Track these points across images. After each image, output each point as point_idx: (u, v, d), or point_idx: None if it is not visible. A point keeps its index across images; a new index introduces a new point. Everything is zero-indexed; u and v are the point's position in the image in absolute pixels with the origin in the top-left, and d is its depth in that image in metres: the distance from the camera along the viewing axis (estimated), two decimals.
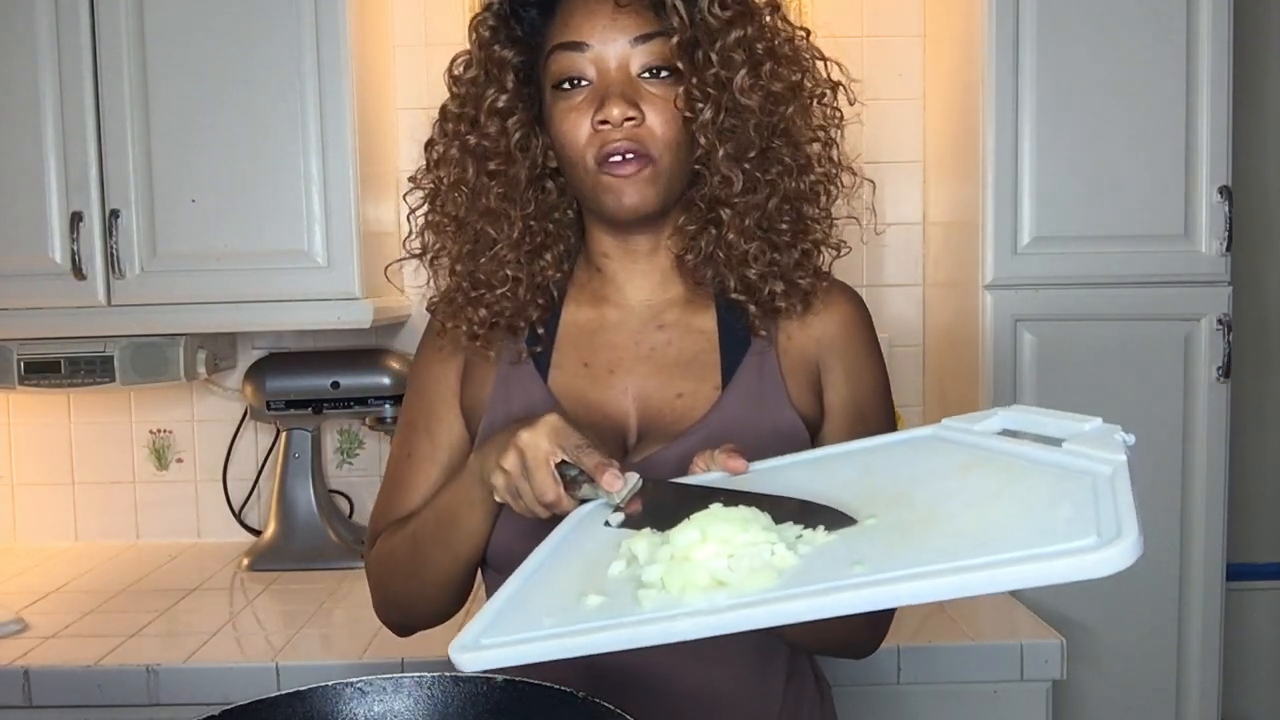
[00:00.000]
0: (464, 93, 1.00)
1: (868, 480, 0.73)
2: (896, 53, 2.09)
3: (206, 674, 1.47)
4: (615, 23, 0.92)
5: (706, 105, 0.92)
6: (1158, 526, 1.77)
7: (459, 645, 0.64)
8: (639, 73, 0.93)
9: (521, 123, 0.98)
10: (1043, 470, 0.64)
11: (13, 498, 2.17)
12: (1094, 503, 0.55)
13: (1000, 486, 0.63)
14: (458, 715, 0.82)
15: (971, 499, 0.63)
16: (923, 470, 0.71)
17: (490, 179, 0.98)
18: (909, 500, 0.66)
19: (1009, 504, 0.60)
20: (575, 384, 1.01)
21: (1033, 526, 0.55)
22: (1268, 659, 2.21)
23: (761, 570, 0.62)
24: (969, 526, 0.59)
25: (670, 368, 1.00)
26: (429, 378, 1.06)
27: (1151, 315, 1.77)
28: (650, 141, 0.92)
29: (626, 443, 0.99)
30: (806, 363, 1.00)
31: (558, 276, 1.03)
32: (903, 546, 0.59)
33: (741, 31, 0.93)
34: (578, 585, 0.69)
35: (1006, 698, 1.50)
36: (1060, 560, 0.50)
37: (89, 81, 1.75)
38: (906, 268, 2.12)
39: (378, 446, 2.16)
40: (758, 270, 0.96)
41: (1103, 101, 1.73)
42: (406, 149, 2.09)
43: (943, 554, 0.55)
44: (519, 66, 0.98)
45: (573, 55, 0.93)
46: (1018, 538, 0.54)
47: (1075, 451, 0.64)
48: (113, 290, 1.78)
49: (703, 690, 0.96)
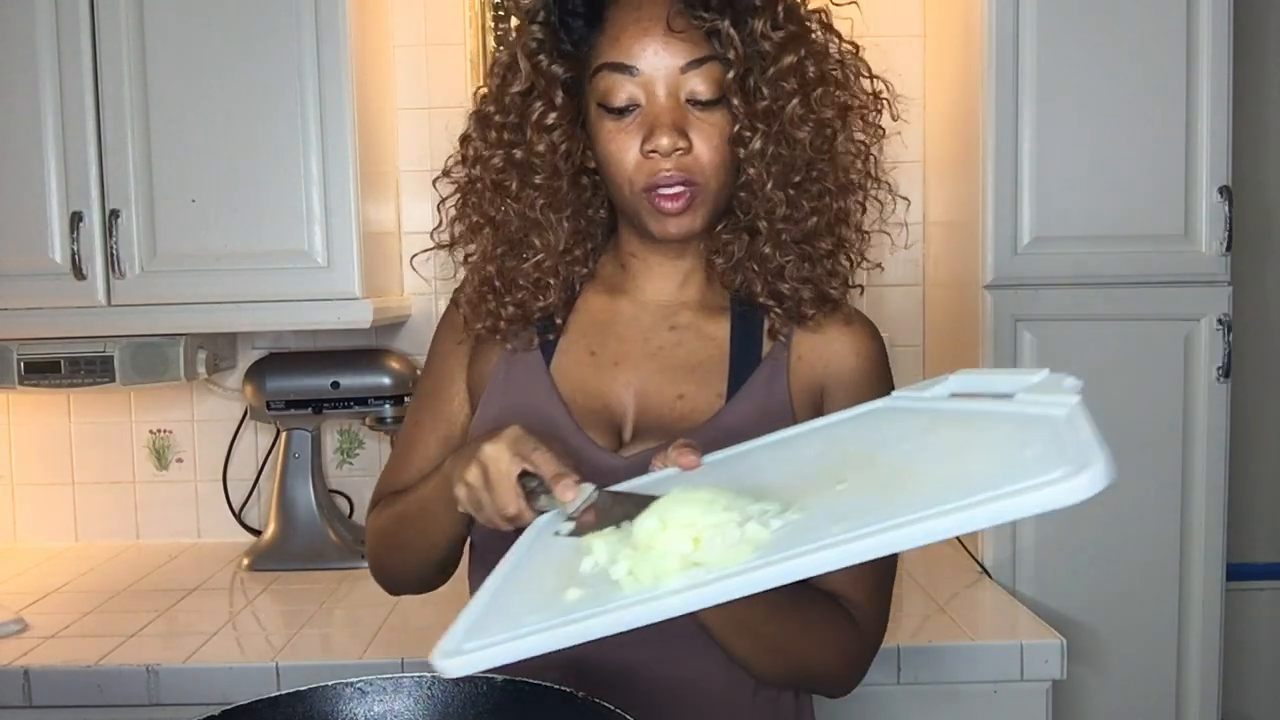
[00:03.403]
0: (508, 101, 0.98)
1: (832, 451, 0.73)
2: (896, 53, 2.08)
3: (206, 674, 1.47)
4: (667, 47, 0.91)
5: (756, 136, 0.92)
6: (1158, 526, 1.77)
7: (441, 651, 0.62)
8: (687, 99, 0.92)
9: (566, 134, 0.97)
10: (1001, 420, 0.64)
11: (13, 498, 2.17)
12: (1057, 440, 0.56)
13: (964, 441, 0.64)
14: (458, 715, 0.82)
15: (939, 455, 0.64)
16: (884, 436, 0.72)
17: (535, 191, 0.98)
18: (875, 464, 0.66)
19: (976, 453, 0.61)
20: (578, 370, 1.01)
21: (1005, 467, 0.55)
22: (1268, 659, 2.21)
23: (736, 546, 0.61)
24: (943, 476, 0.59)
25: (675, 369, 1.00)
26: (442, 352, 1.09)
27: (1151, 315, 1.77)
28: (697, 170, 0.92)
29: (622, 435, 0.99)
30: (812, 384, 1.00)
31: (584, 272, 1.04)
32: (881, 503, 0.58)
33: (794, 56, 0.92)
34: (553, 584, 0.68)
35: (1006, 698, 1.50)
36: (1038, 492, 0.51)
37: (89, 81, 1.75)
38: (906, 268, 2.12)
39: (378, 446, 2.16)
40: (790, 283, 0.97)
41: (1102, 101, 1.73)
42: (406, 149, 2.10)
43: (924, 503, 0.55)
44: (567, 81, 0.97)
45: (621, 79, 0.92)
46: (993, 479, 0.54)
47: (1028, 400, 0.64)
48: (113, 290, 1.78)
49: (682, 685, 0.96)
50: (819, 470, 0.69)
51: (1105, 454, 0.51)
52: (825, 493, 0.64)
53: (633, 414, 0.99)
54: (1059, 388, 0.64)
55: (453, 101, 2.07)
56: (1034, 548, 1.77)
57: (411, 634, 1.58)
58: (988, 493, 0.52)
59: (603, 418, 0.99)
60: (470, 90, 2.08)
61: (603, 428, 0.98)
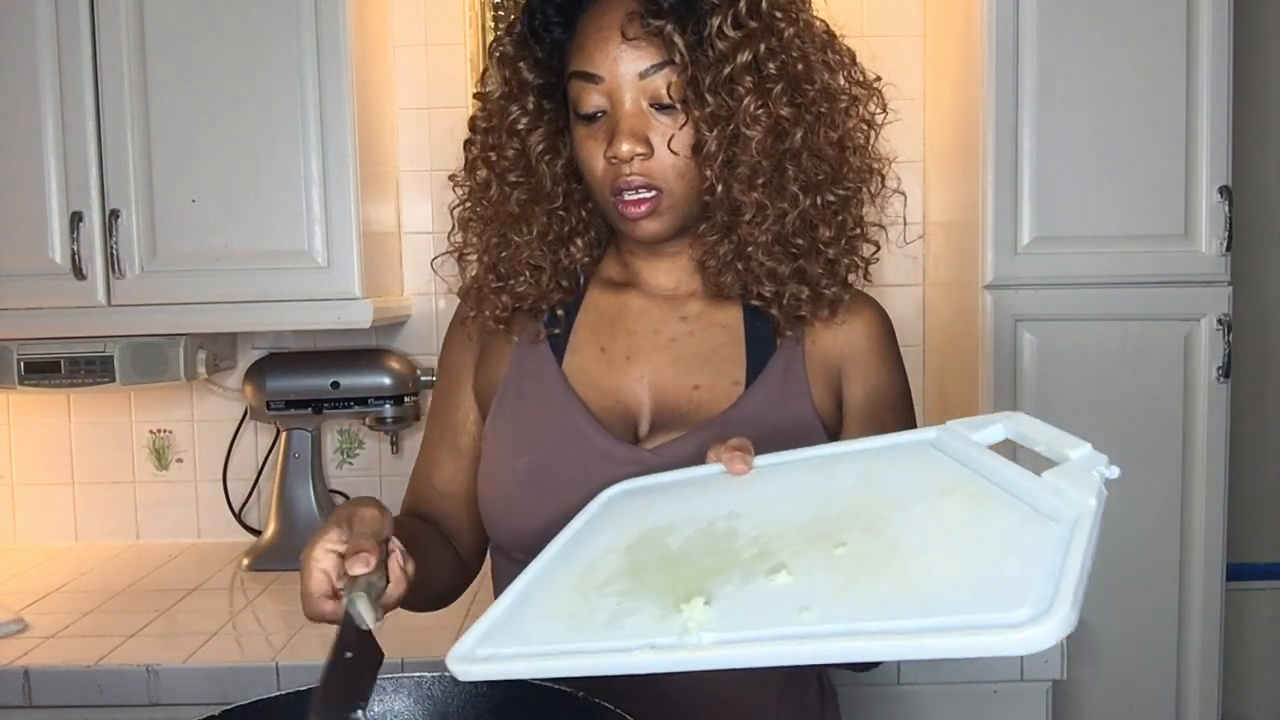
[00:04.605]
0: (489, 107, 1.01)
1: (859, 492, 0.74)
2: (896, 53, 2.09)
3: (206, 674, 1.47)
4: (625, 54, 0.91)
5: (710, 140, 0.91)
6: (1158, 526, 1.77)
7: (455, 656, 0.68)
8: (649, 103, 0.92)
9: (545, 135, 0.99)
10: (1012, 507, 0.64)
11: (13, 498, 2.17)
12: (1040, 564, 0.56)
13: (966, 522, 0.65)
14: (458, 715, 0.82)
15: (935, 533, 0.65)
16: (908, 485, 0.73)
17: (512, 189, 1.00)
18: (882, 529, 0.67)
19: (965, 548, 0.62)
20: (589, 367, 1.01)
21: (976, 584, 0.57)
22: (1268, 659, 2.21)
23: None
24: (919, 573, 0.61)
25: (689, 359, 1.00)
26: (449, 363, 1.10)
27: (1151, 315, 1.77)
28: (660, 174, 0.93)
29: (638, 431, 0.99)
30: (829, 367, 1.00)
31: (586, 261, 1.04)
32: (851, 593, 0.61)
33: (751, 54, 0.91)
34: (568, 601, 0.72)
35: (1006, 698, 1.50)
36: (985, 635, 0.52)
37: (89, 81, 1.75)
38: (906, 268, 2.12)
39: (378, 446, 2.16)
40: (775, 285, 0.96)
41: (1102, 101, 1.73)
42: (406, 149, 2.10)
43: (883, 608, 0.58)
44: (541, 87, 0.99)
45: (587, 86, 0.93)
46: (956, 598, 0.56)
47: (1051, 486, 0.64)
48: (113, 290, 1.78)
49: (700, 692, 0.96)
50: (836, 515, 0.71)
51: (1070, 604, 0.51)
52: (824, 554, 0.67)
53: (649, 407, 0.99)
54: (1087, 478, 0.63)
55: (453, 101, 2.07)
56: None
57: (411, 634, 1.58)
58: (945, 619, 0.55)
59: (616, 413, 0.99)
60: (470, 90, 2.08)
61: (618, 424, 0.98)
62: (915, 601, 0.58)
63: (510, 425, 1.00)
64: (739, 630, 0.62)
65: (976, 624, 0.53)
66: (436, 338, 2.10)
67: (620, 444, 0.96)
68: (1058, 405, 1.76)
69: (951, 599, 0.56)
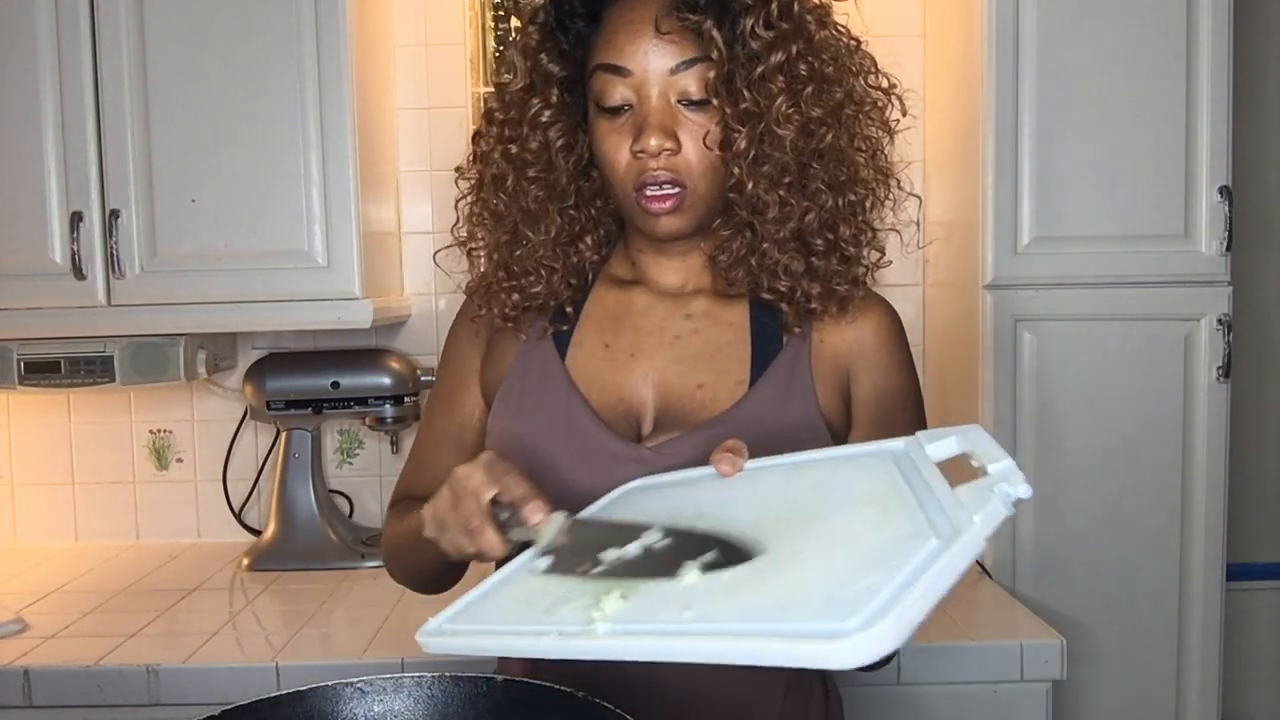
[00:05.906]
0: (508, 98, 1.00)
1: (806, 498, 0.75)
2: (896, 53, 2.07)
3: (206, 674, 1.47)
4: (656, 48, 0.91)
5: (740, 137, 0.92)
6: (1158, 526, 1.77)
7: (424, 630, 0.75)
8: (678, 99, 0.92)
9: (564, 130, 0.99)
10: (911, 520, 0.64)
11: (13, 498, 2.17)
12: (897, 577, 0.56)
13: (864, 532, 0.65)
14: (458, 715, 0.82)
15: (835, 542, 0.66)
16: (846, 494, 0.73)
17: (530, 184, 1.00)
18: (802, 532, 0.68)
19: (848, 558, 0.62)
20: (593, 364, 1.01)
21: (833, 592, 0.57)
22: (1268, 659, 2.21)
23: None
24: (796, 580, 0.62)
25: (694, 357, 1.00)
26: (455, 356, 1.10)
27: (1151, 315, 1.77)
28: (686, 170, 0.93)
29: (641, 429, 0.99)
30: (837, 367, 1.00)
31: (594, 259, 1.05)
32: (736, 597, 0.63)
33: (784, 54, 0.91)
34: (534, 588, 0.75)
35: (1006, 698, 1.50)
36: (805, 644, 0.53)
37: (89, 81, 1.75)
38: (906, 268, 2.12)
39: (378, 446, 2.16)
40: (789, 280, 0.96)
41: (1102, 101, 1.73)
42: (406, 149, 2.10)
43: (749, 612, 0.60)
44: (564, 80, 0.98)
45: (614, 79, 0.93)
46: (811, 606, 0.57)
47: (954, 501, 0.63)
48: (113, 290, 1.78)
49: (698, 694, 0.96)
50: (773, 521, 0.72)
51: (893, 621, 0.51)
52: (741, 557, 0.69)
53: (653, 405, 0.99)
54: (987, 494, 0.62)
55: (453, 101, 2.07)
56: (1034, 548, 1.77)
57: (411, 634, 1.57)
58: (764, 625, 0.57)
59: (619, 411, 0.99)
60: (470, 90, 2.08)
61: (621, 421, 0.98)
62: (779, 607, 0.59)
63: (513, 421, 1.00)
64: (631, 624, 0.64)
65: (802, 632, 0.54)
66: (436, 338, 2.10)
67: (621, 441, 0.96)
68: (1058, 405, 1.76)
69: (807, 606, 0.57)
